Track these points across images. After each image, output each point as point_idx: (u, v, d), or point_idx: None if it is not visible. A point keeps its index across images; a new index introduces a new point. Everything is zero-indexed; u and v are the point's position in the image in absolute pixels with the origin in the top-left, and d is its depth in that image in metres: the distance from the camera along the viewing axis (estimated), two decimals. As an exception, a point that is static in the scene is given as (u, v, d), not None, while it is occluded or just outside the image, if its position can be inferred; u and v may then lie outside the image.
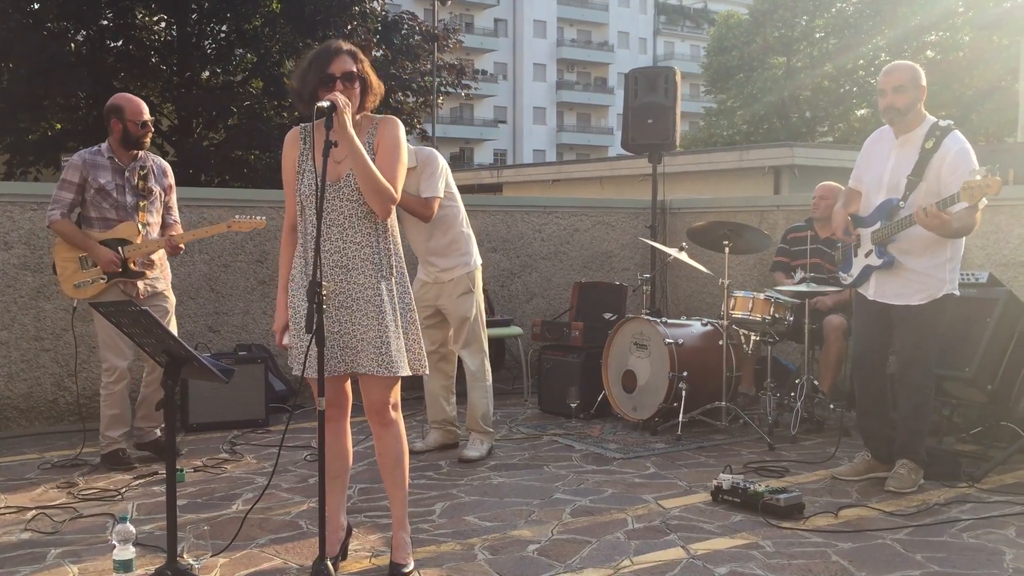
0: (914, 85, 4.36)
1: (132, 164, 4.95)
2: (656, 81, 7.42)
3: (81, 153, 4.95)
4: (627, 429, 5.88)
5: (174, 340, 3.11)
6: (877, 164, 4.53)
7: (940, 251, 4.35)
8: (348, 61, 3.29)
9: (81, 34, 17.07)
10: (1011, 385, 5.22)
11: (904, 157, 4.41)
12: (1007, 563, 3.54)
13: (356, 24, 17.08)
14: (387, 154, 3.33)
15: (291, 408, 6.17)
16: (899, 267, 4.41)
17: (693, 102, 51.35)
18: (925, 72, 4.49)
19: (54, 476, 4.77)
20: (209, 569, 3.44)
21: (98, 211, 4.87)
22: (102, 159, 4.90)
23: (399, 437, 3.46)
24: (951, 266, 4.39)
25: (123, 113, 4.88)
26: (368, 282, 3.29)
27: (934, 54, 32.51)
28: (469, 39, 49.01)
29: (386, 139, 3.35)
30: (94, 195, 4.86)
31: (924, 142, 4.34)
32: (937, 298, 4.38)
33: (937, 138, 4.31)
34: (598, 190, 19.37)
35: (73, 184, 4.85)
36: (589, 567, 3.51)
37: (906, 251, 4.39)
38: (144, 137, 4.95)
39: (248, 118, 17.40)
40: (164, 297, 5.07)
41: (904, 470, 4.43)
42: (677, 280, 8.14)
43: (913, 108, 4.37)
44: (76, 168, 4.86)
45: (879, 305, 4.52)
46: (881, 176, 4.48)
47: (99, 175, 4.85)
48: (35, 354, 5.95)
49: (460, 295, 5.11)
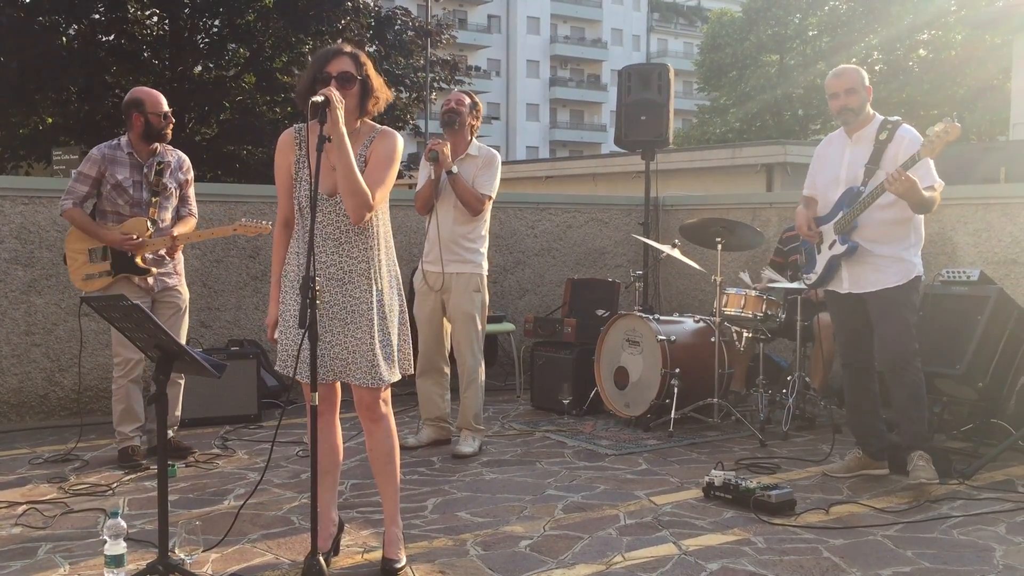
0: (862, 86, 4.58)
1: (151, 159, 4.91)
2: (649, 78, 7.43)
3: (100, 147, 4.90)
4: (619, 425, 5.88)
5: (166, 335, 3.10)
6: (831, 164, 4.68)
7: (904, 236, 4.49)
8: (347, 62, 3.28)
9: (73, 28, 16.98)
10: (1002, 382, 5.24)
11: (859, 152, 4.57)
12: (997, 559, 3.56)
13: (349, 19, 17.02)
14: (377, 164, 3.31)
15: (283, 404, 6.16)
16: (866, 254, 4.49)
17: (686, 99, 51.37)
18: (919, 71, 4.57)
19: (45, 471, 4.76)
20: (201, 564, 3.43)
21: (112, 206, 4.85)
22: (121, 154, 4.86)
23: (389, 432, 3.46)
24: (915, 251, 4.53)
25: (143, 106, 4.84)
26: (362, 296, 3.30)
27: (927, 53, 32.54)
28: (462, 35, 48.95)
29: (380, 151, 3.33)
30: (111, 191, 4.83)
31: (878, 135, 4.52)
32: (911, 278, 4.48)
33: (890, 130, 4.50)
34: (591, 187, 19.35)
35: (89, 178, 4.82)
36: (581, 563, 3.51)
37: (872, 239, 4.47)
38: (166, 128, 4.90)
39: (240, 113, 17.34)
40: (177, 292, 5.04)
41: (923, 461, 4.41)
42: (670, 277, 8.15)
43: (864, 107, 4.57)
44: (95, 163, 4.83)
45: (854, 297, 4.58)
46: (837, 174, 4.62)
47: (117, 171, 4.82)
48: (26, 349, 5.93)
49: (469, 291, 5.12)
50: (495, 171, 5.13)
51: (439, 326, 5.24)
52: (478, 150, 5.14)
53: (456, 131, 5.14)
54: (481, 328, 5.21)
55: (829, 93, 4.61)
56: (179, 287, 5.06)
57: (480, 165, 5.11)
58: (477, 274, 5.15)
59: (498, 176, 5.16)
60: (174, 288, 5.02)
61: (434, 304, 5.19)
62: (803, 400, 5.80)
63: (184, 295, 5.08)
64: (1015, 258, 5.80)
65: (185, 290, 5.11)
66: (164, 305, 4.96)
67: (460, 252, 5.10)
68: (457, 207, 5.06)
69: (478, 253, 5.16)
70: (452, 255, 5.12)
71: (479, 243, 5.17)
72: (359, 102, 3.31)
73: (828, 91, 4.63)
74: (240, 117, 17.21)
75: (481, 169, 5.10)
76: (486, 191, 5.08)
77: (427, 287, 5.16)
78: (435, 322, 5.23)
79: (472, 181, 5.06)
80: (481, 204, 5.06)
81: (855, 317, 4.62)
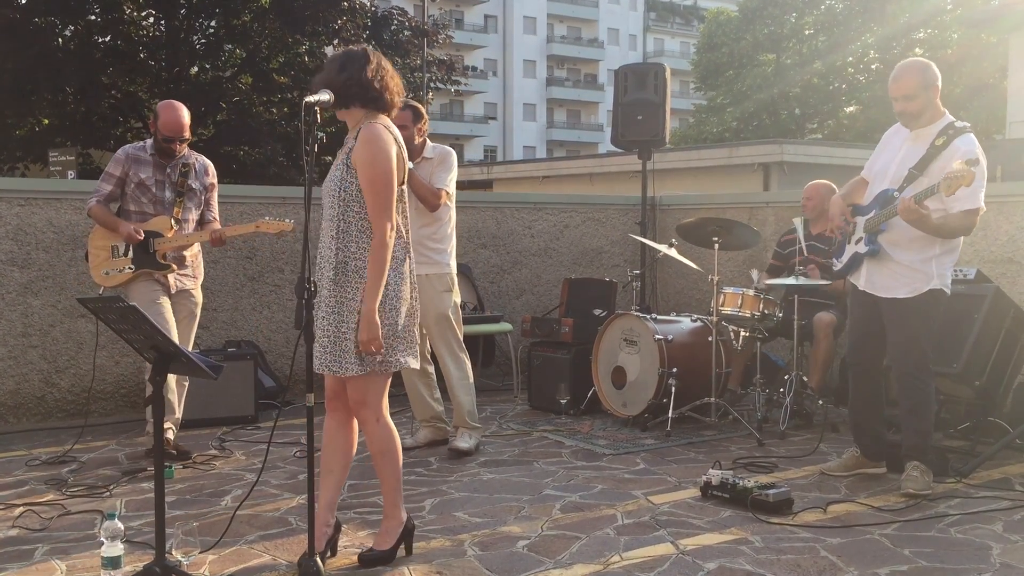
0: (924, 89, 4.33)
1: (174, 161, 4.98)
2: (646, 78, 7.42)
3: (126, 148, 5.07)
4: (617, 425, 5.88)
5: (162, 336, 3.10)
6: (888, 155, 4.54)
7: (928, 245, 4.33)
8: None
9: (69, 29, 16.96)
10: (999, 381, 5.25)
11: (913, 151, 4.40)
12: (994, 558, 3.56)
13: (345, 20, 17.02)
14: (364, 181, 3.34)
15: (280, 405, 6.16)
16: (887, 258, 4.41)
17: (683, 99, 51.44)
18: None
19: (42, 473, 4.75)
20: (198, 566, 3.43)
21: (136, 205, 4.93)
22: (144, 155, 4.97)
23: (375, 435, 3.46)
24: (940, 261, 4.34)
25: (157, 121, 4.94)
26: (328, 285, 3.36)
27: (923, 51, 32.57)
28: (459, 35, 48.90)
29: (358, 160, 3.35)
30: (134, 189, 4.92)
31: (936, 139, 4.32)
32: (922, 292, 4.34)
33: (949, 136, 4.29)
34: (588, 186, 19.36)
35: (114, 177, 4.93)
36: (578, 563, 3.51)
37: (895, 243, 4.39)
38: (169, 152, 4.94)
39: (237, 114, 17.34)
40: (192, 296, 5.09)
41: (916, 472, 4.35)
42: (667, 276, 8.15)
43: (928, 109, 4.36)
44: (119, 163, 4.95)
45: (870, 297, 4.53)
46: (889, 167, 4.48)
47: (140, 170, 4.92)
48: (23, 350, 5.92)
49: (438, 292, 5.11)
50: (449, 166, 5.15)
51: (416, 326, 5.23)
52: (432, 151, 5.17)
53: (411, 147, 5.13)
54: (457, 327, 5.21)
55: (890, 95, 4.41)
56: (195, 291, 5.13)
57: (435, 164, 5.15)
58: (446, 274, 5.16)
59: (453, 171, 5.17)
60: (190, 292, 5.08)
61: None
62: (800, 399, 5.80)
63: (198, 300, 5.15)
64: (1011, 256, 5.80)
65: (200, 295, 5.16)
66: (179, 308, 5.02)
67: (426, 253, 5.09)
68: (419, 208, 5.05)
69: (444, 253, 5.17)
70: (419, 256, 5.13)
71: (444, 243, 5.18)
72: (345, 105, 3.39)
73: (889, 93, 4.42)
74: (237, 118, 17.23)
75: (436, 167, 5.14)
76: (440, 184, 5.09)
77: None
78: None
79: (429, 179, 5.09)
80: (437, 198, 5.05)
81: (869, 316, 4.56)
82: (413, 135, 5.10)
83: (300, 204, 6.59)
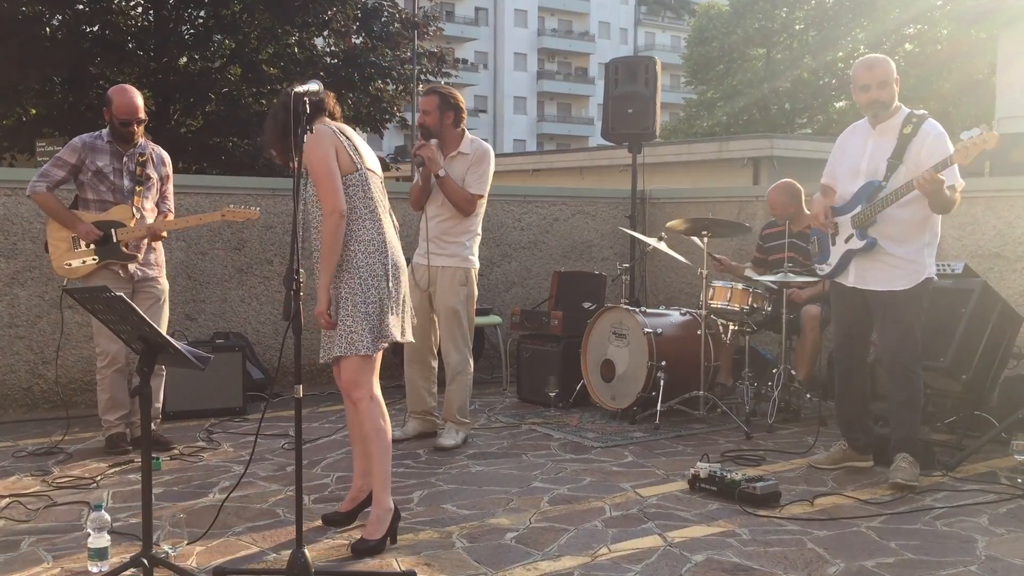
0: (893, 79, 4.46)
1: (132, 150, 4.92)
2: (636, 71, 7.42)
3: (82, 136, 4.94)
4: (606, 418, 5.89)
5: (150, 327, 3.08)
6: (852, 154, 4.59)
7: (919, 236, 4.41)
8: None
9: (56, 18, 16.83)
10: (985, 375, 5.27)
11: (882, 144, 4.47)
12: (980, 550, 3.58)
13: (336, 11, 16.93)
14: (315, 178, 3.53)
15: (269, 397, 6.15)
16: (880, 252, 4.43)
17: (673, 93, 51.41)
18: (905, 65, 4.55)
19: (28, 464, 4.73)
20: (185, 557, 3.42)
21: (95, 193, 4.86)
22: (101, 143, 4.89)
23: (365, 415, 3.59)
24: (929, 250, 4.46)
25: (111, 107, 4.86)
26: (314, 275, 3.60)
27: (913, 47, 32.70)
28: (449, 27, 48.82)
29: (310, 163, 3.52)
30: (91, 177, 4.84)
31: (902, 128, 4.42)
32: (920, 281, 4.42)
33: (915, 124, 4.40)
34: (578, 180, 19.36)
35: (67, 164, 4.83)
36: (567, 555, 3.52)
37: (889, 235, 4.41)
38: (128, 136, 4.88)
39: (226, 105, 17.23)
40: (156, 283, 5.04)
41: (905, 463, 4.38)
42: (656, 270, 8.16)
43: (894, 99, 4.46)
44: (75, 150, 4.85)
45: (858, 292, 4.54)
46: (858, 165, 4.53)
47: (97, 158, 4.85)
48: (9, 341, 5.89)
49: (455, 285, 5.09)
50: (486, 168, 5.04)
51: (427, 320, 5.21)
52: (470, 146, 5.04)
53: (441, 134, 5.05)
54: (468, 324, 5.19)
55: (859, 85, 4.44)
56: (160, 278, 5.07)
57: (470, 162, 5.02)
58: (464, 268, 5.12)
59: (490, 173, 5.08)
60: (155, 278, 5.03)
61: (421, 298, 5.17)
62: (788, 393, 5.82)
63: (163, 286, 5.08)
64: (999, 251, 5.83)
65: (165, 282, 5.11)
66: (143, 295, 4.96)
67: (447, 246, 5.08)
68: (445, 204, 5.02)
69: (465, 247, 5.12)
70: (439, 248, 5.11)
71: (466, 237, 5.13)
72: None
73: (858, 82, 4.45)
74: (226, 109, 17.12)
75: (471, 167, 5.01)
76: (476, 190, 5.01)
77: (413, 281, 5.14)
78: (422, 315, 5.21)
79: (462, 180, 5.00)
80: (472, 206, 4.99)
81: (855, 312, 4.59)
82: (439, 121, 4.98)
83: (289, 196, 6.57)
